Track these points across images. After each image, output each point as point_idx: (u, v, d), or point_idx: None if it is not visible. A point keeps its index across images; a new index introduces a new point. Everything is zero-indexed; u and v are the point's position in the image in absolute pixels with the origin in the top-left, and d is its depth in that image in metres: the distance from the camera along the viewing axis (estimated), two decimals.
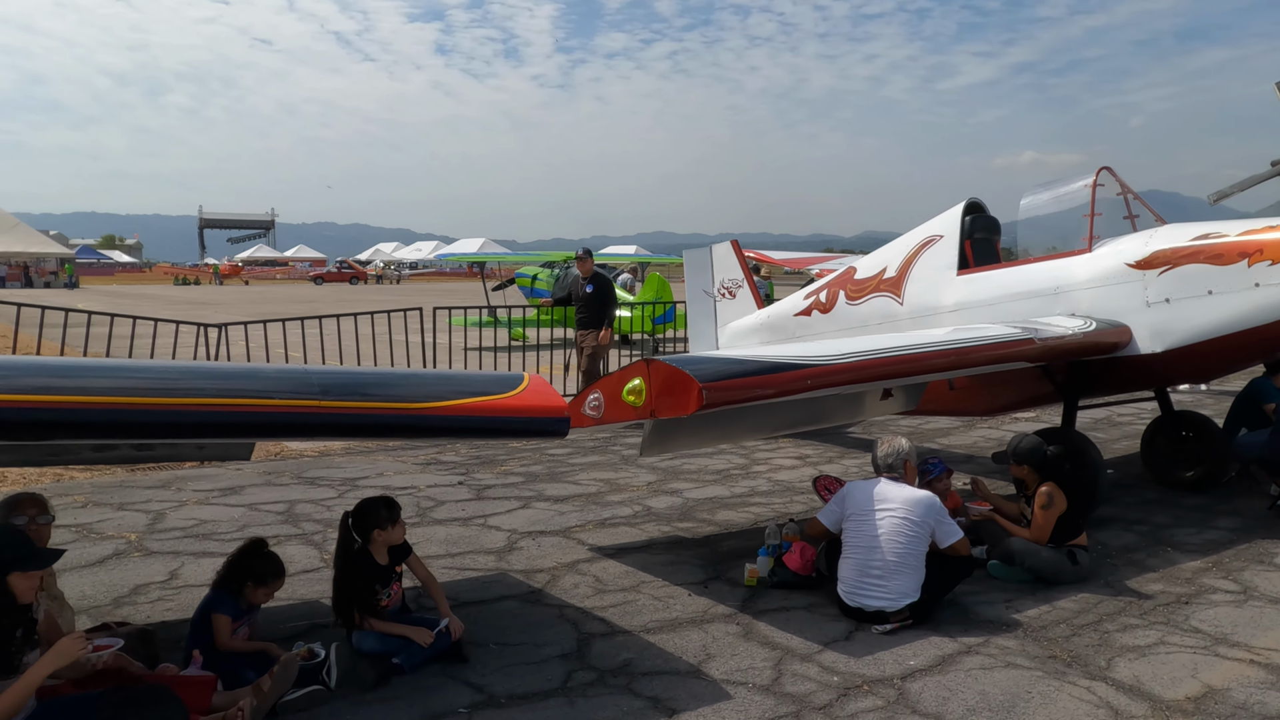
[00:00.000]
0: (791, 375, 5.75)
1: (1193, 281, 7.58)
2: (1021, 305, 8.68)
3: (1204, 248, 7.55)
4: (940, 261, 9.62)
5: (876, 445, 5.99)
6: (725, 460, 10.59)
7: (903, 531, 5.53)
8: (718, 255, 13.22)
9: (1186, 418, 9.46)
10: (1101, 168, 8.72)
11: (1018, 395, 9.20)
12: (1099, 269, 8.21)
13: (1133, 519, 8.19)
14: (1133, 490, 9.29)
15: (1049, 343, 7.35)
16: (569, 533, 7.51)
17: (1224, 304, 7.42)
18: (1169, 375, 8.38)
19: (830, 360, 6.03)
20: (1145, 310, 7.85)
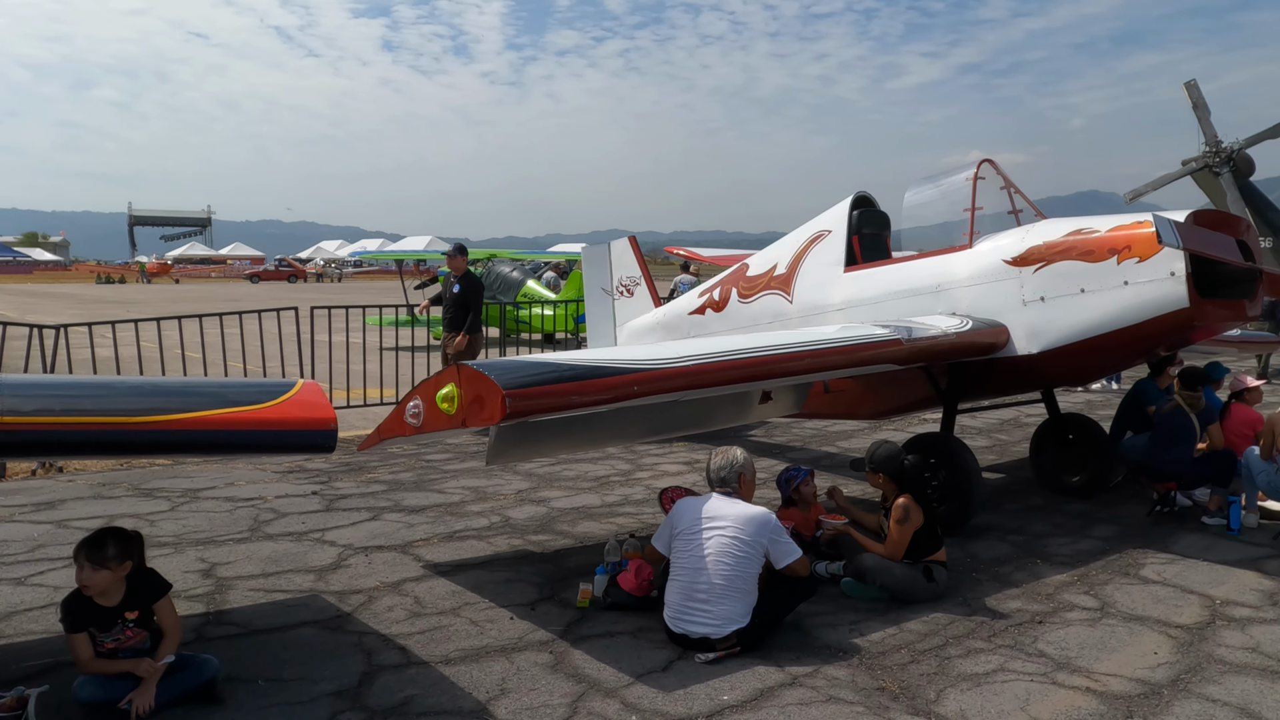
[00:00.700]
0: (614, 381, 5.31)
1: (1066, 279, 7.28)
2: (905, 304, 8.35)
3: (1077, 243, 7.26)
4: (828, 258, 9.27)
5: (710, 457, 5.58)
6: (609, 465, 10.15)
7: (730, 552, 5.12)
8: (616, 252, 12.79)
9: (1072, 421, 9.21)
10: (983, 160, 8.42)
11: (901, 398, 8.87)
12: (978, 266, 7.90)
13: (1010, 528, 7.90)
14: (1019, 496, 9.02)
15: (918, 344, 7.00)
16: (409, 547, 7.02)
17: (1095, 303, 7.13)
18: (1048, 377, 8.10)
19: (663, 364, 5.61)
20: (1022, 309, 7.54)
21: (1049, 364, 7.53)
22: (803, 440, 11.85)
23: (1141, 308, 6.90)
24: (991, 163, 8.43)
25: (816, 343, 6.52)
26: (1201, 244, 6.50)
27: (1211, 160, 21.20)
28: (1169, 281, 6.74)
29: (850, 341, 6.68)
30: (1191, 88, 21.87)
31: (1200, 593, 6.34)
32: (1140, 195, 22.89)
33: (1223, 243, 6.69)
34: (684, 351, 5.84)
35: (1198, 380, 8.14)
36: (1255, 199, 20.98)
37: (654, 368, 5.53)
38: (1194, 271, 6.82)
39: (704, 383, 5.72)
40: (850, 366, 6.72)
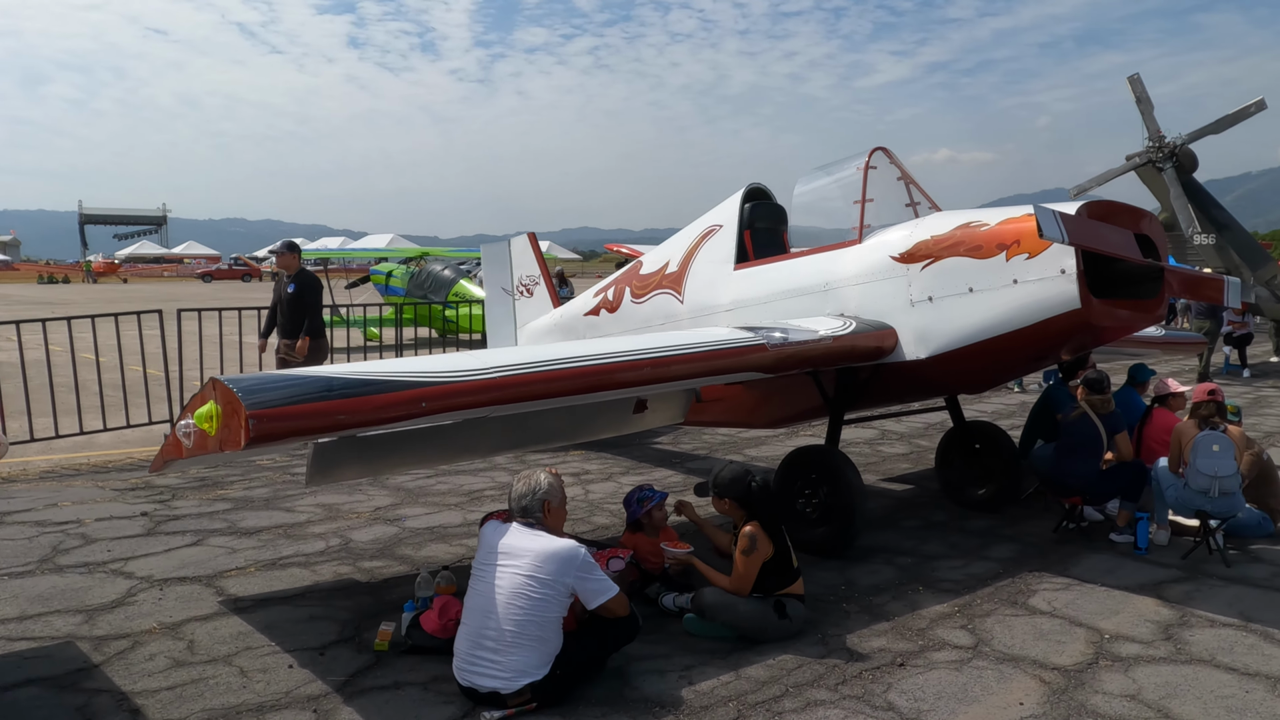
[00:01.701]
0: (396, 398, 4.56)
1: (954, 277, 6.63)
2: (794, 303, 7.69)
3: (965, 238, 6.61)
4: (718, 255, 8.60)
5: (513, 482, 4.85)
6: (488, 478, 9.43)
7: (524, 593, 4.39)
8: (516, 250, 12.05)
9: (977, 429, 8.58)
10: (875, 148, 7.75)
11: (791, 407, 8.20)
12: (865, 263, 7.24)
13: (902, 548, 7.24)
14: (921, 511, 8.37)
15: (786, 350, 6.31)
16: (217, 578, 6.24)
17: (984, 304, 6.48)
18: (940, 384, 7.44)
19: (462, 376, 4.87)
20: (910, 310, 6.89)
21: (939, 370, 6.88)
22: (710, 447, 11.16)
23: (1032, 309, 6.26)
24: (885, 151, 7.77)
25: (661, 350, 5.80)
26: (1093, 238, 5.86)
27: (1155, 155, 20.77)
28: (1059, 280, 6.10)
29: (702, 348, 5.98)
30: (1135, 82, 21.45)
31: (1089, 625, 5.70)
32: (1085, 190, 22.45)
33: (1119, 237, 6.06)
34: (492, 361, 5.10)
35: (1104, 385, 7.52)
36: (1198, 194, 20.57)
37: (451, 380, 4.79)
38: (1090, 269, 6.20)
39: (513, 398, 4.98)
40: (703, 376, 6.02)
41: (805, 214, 8.19)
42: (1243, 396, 15.69)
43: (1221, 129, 20.69)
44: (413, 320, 22.51)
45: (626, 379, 5.52)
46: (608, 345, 5.84)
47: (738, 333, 6.35)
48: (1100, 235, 5.92)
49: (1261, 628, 5.68)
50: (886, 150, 7.78)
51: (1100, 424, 7.36)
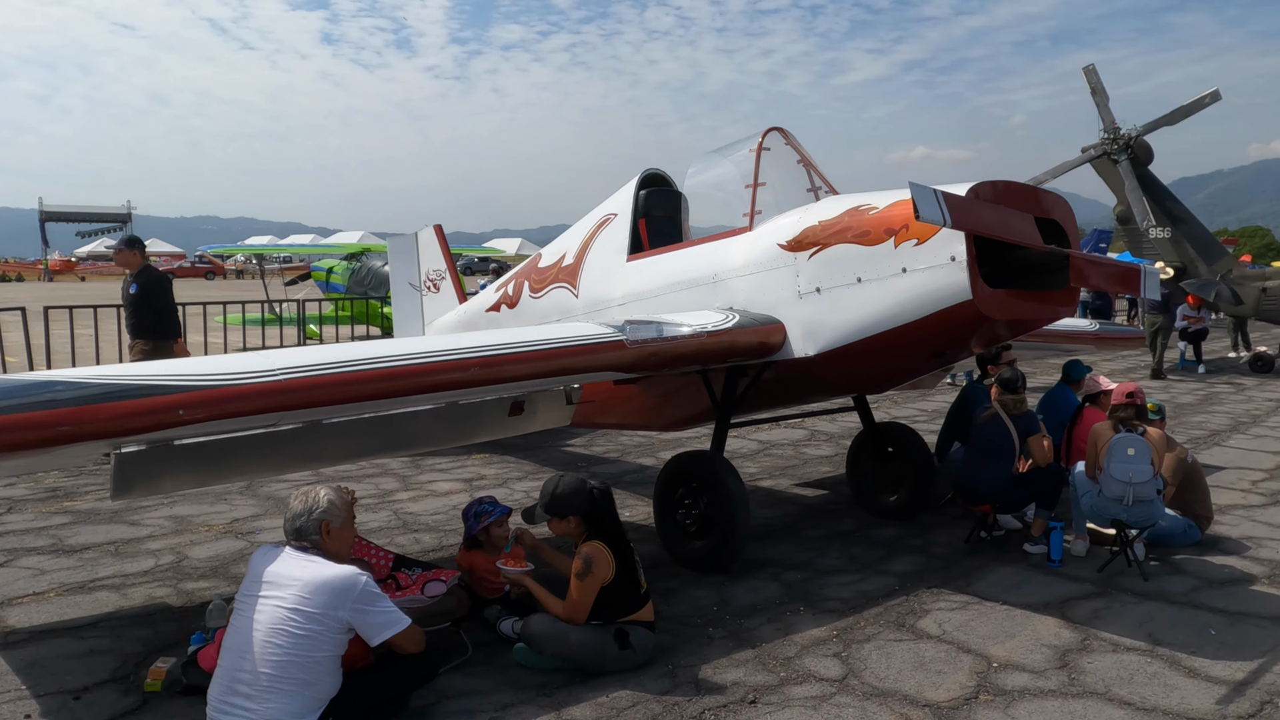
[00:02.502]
0: (146, 405, 3.89)
1: (842, 266, 6.02)
2: (684, 296, 7.06)
3: (853, 223, 6.00)
4: (612, 245, 7.97)
5: (290, 500, 4.19)
6: (374, 485, 8.76)
7: (285, 629, 3.74)
8: (423, 243, 11.40)
9: (889, 431, 7.97)
10: (770, 128, 7.13)
11: (684, 409, 7.57)
12: (754, 252, 6.62)
13: (795, 562, 6.63)
14: (828, 519, 7.77)
15: (650, 347, 5.68)
16: (6, 605, 5.55)
17: (873, 295, 5.87)
18: (833, 384, 6.83)
19: (235, 380, 4.20)
20: (798, 302, 6.27)
21: (829, 368, 6.28)
22: (623, 450, 10.52)
23: (921, 300, 5.65)
24: (781, 132, 7.15)
25: (497, 348, 5.16)
26: (982, 221, 5.26)
27: (1110, 147, 20.31)
28: (949, 268, 5.49)
29: (548, 345, 5.34)
30: (1090, 73, 20.98)
31: (978, 651, 5.10)
32: (1040, 183, 21.93)
33: (1016, 221, 5.45)
34: (282, 362, 4.43)
35: (1018, 383, 6.93)
36: (1154, 187, 20.12)
37: (220, 385, 4.12)
38: (991, 256, 5.61)
39: (300, 404, 4.31)
40: (548, 376, 5.37)
41: (699, 200, 7.56)
42: (1195, 393, 15.26)
43: (1176, 120, 20.25)
44: (351, 318, 21.81)
45: (449, 381, 4.86)
46: (434, 343, 5.19)
47: (595, 328, 5.71)
48: (992, 218, 5.32)
49: (1169, 652, 5.11)
50: (783, 131, 7.16)
51: (1013, 426, 6.78)
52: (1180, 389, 15.90)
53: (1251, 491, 8.75)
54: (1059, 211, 5.90)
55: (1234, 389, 15.90)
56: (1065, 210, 5.97)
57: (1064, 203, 6.00)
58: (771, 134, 7.07)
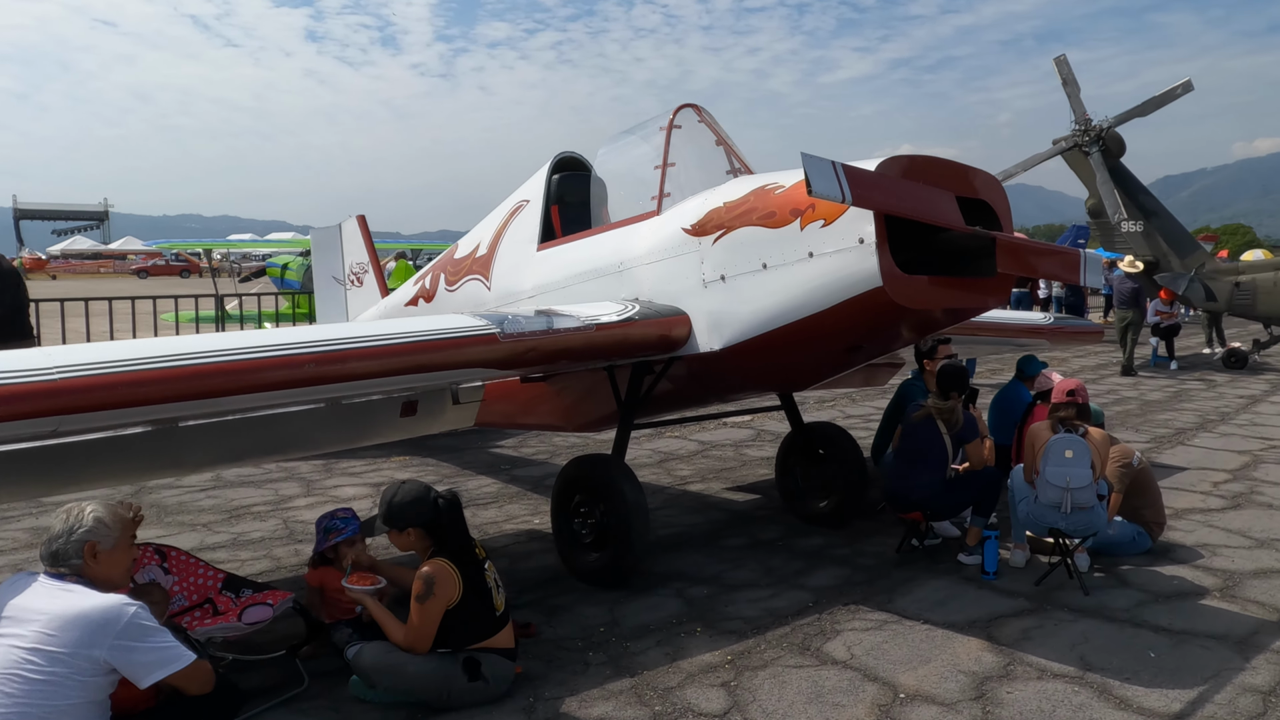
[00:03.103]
0: None
1: (747, 250, 5.46)
2: (591, 286, 6.50)
3: (758, 204, 5.44)
4: (523, 234, 7.40)
5: (52, 519, 3.60)
6: (272, 490, 8.17)
7: (20, 672, 3.15)
8: (347, 234, 10.80)
9: (819, 432, 7.41)
10: (683, 105, 6.57)
11: (595, 409, 7.01)
12: (659, 238, 6.06)
13: (705, 575, 6.08)
14: (753, 527, 7.20)
15: (524, 342, 5.10)
16: None
17: (779, 282, 5.31)
18: (744, 382, 6.27)
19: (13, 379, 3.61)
20: (703, 292, 5.71)
21: (736, 364, 5.72)
22: (553, 452, 9.94)
23: (829, 287, 5.09)
24: (695, 109, 6.59)
25: (337, 342, 4.57)
26: (890, 198, 4.69)
27: (1081, 139, 19.80)
28: (857, 252, 4.93)
29: (404, 339, 4.75)
30: (1061, 63, 20.48)
31: (886, 680, 4.55)
32: (1010, 176, 21.44)
33: (934, 199, 4.90)
34: (64, 359, 3.81)
35: (957, 378, 6.38)
36: (1126, 180, 19.62)
37: None
38: (907, 239, 5.06)
39: (69, 408, 3.70)
40: (405, 374, 4.78)
41: (610, 184, 6.99)
42: (1164, 390, 14.78)
43: (1148, 111, 19.76)
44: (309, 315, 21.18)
45: (278, 380, 4.27)
46: (272, 337, 4.60)
47: (467, 320, 5.12)
48: (904, 196, 4.75)
49: (1100, 679, 4.57)
50: (697, 108, 6.60)
51: (945, 429, 6.22)
52: (1150, 385, 15.42)
53: (1212, 494, 8.23)
54: (989, 191, 5.35)
55: (1205, 385, 15.43)
56: (996, 190, 5.42)
57: (995, 182, 5.44)
58: (684, 111, 6.51)
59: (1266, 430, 11.33)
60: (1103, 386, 15.27)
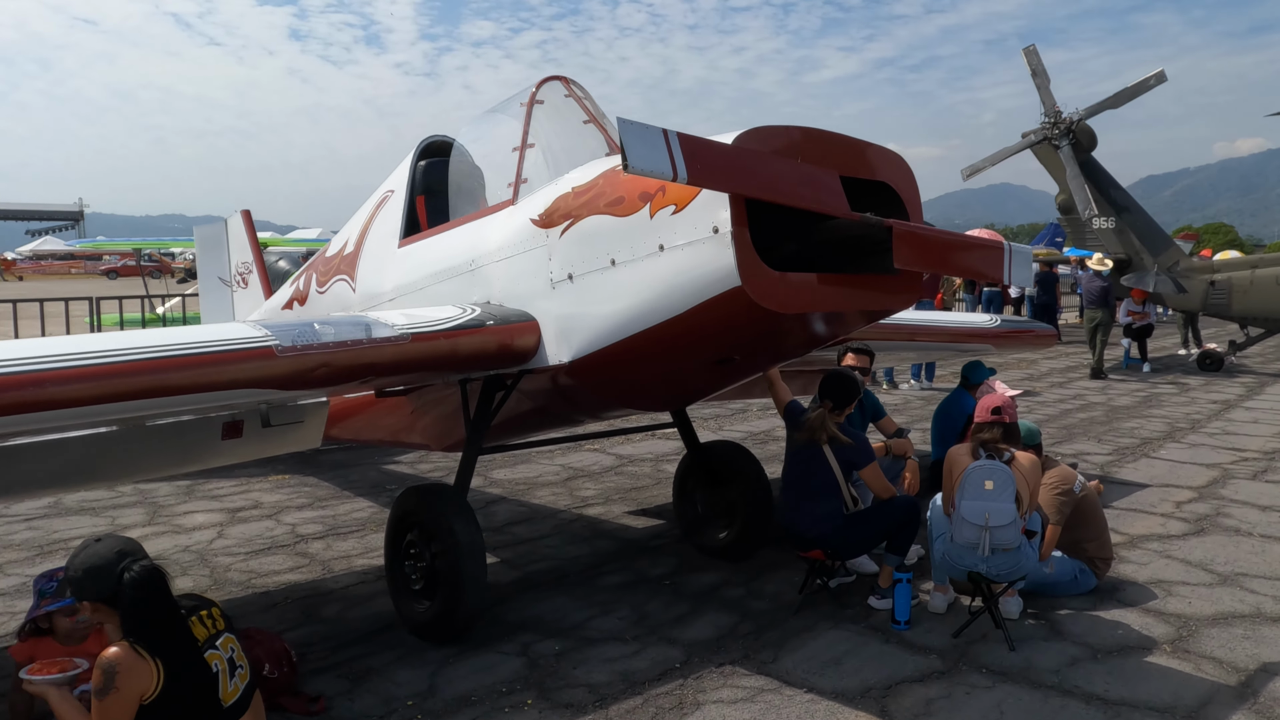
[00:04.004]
0: None
1: (594, 244, 4.54)
2: (444, 288, 5.61)
3: (606, 187, 4.51)
4: (387, 228, 6.50)
5: None
6: (112, 519, 7.21)
7: None
8: (233, 231, 9.84)
9: (718, 452, 6.49)
10: (549, 77, 5.63)
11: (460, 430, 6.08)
12: (509, 231, 5.15)
13: (567, 623, 5.16)
14: (641, 561, 6.29)
15: (310, 358, 4.15)
16: None
17: (627, 282, 4.39)
18: (605, 400, 5.33)
19: None
20: (551, 294, 4.80)
21: (591, 380, 4.80)
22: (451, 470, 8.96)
23: (683, 288, 4.16)
24: (564, 81, 5.65)
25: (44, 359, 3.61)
26: (743, 178, 3.77)
27: (1051, 132, 18.93)
28: (711, 244, 4.00)
29: (132, 356, 3.78)
30: (1030, 54, 19.59)
31: None
32: (979, 170, 20.62)
33: (805, 179, 3.98)
34: None
35: (837, 392, 5.44)
36: (1097, 174, 18.75)
37: None
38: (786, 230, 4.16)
39: None
40: (139, 398, 3.82)
41: (471, 168, 6.06)
42: (1134, 395, 13.94)
43: (1120, 103, 18.90)
44: None
45: None
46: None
47: (240, 330, 4.18)
48: (765, 174, 3.83)
49: None
50: (566, 81, 5.66)
51: (832, 455, 5.30)
52: (1119, 390, 14.59)
53: (1173, 516, 7.35)
54: (890, 171, 4.44)
55: (1177, 389, 14.60)
56: (899, 170, 4.50)
57: (898, 160, 4.53)
58: (550, 85, 5.58)
59: (1238, 439, 10.48)
60: (1069, 391, 14.43)
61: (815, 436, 5.16)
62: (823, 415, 5.20)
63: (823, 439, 5.15)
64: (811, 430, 5.26)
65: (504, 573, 6.03)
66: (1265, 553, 6.42)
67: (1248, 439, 10.54)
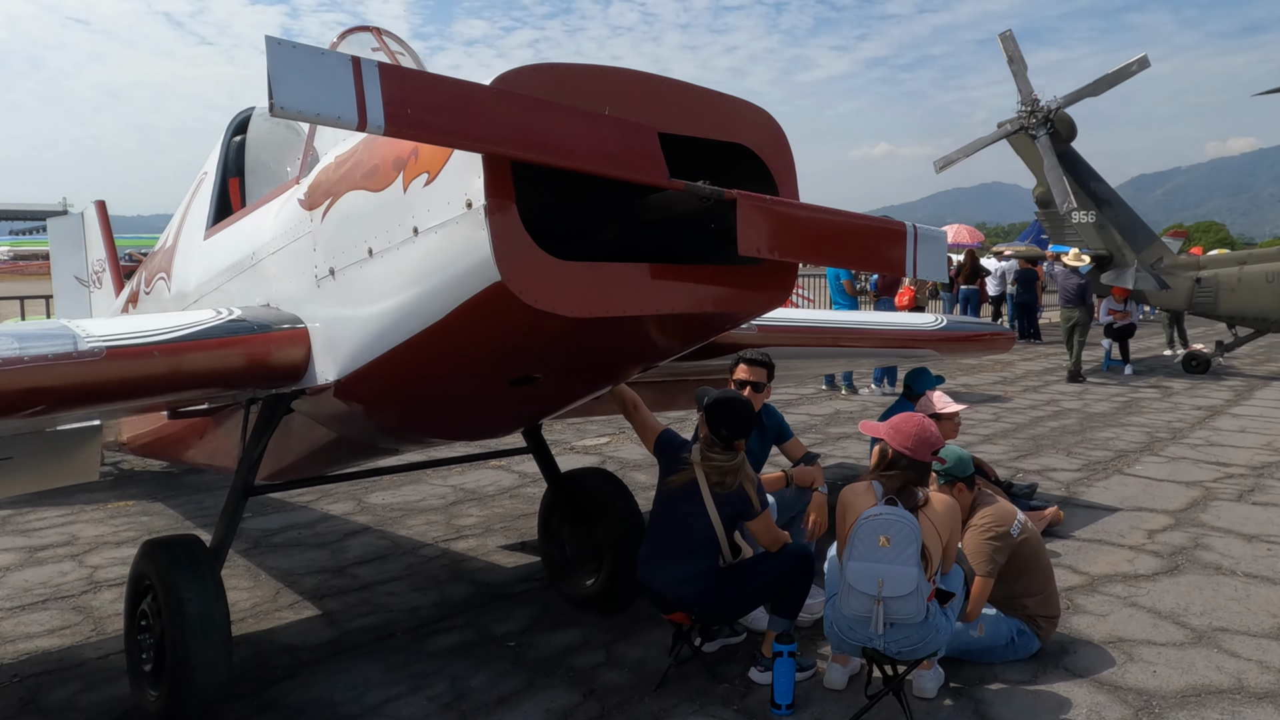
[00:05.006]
0: None
1: (352, 229, 3.45)
2: (234, 286, 4.53)
3: (364, 154, 3.42)
4: (198, 217, 5.45)
5: None
6: None
7: None
8: (89, 225, 8.75)
9: (584, 483, 5.38)
10: (356, 28, 4.51)
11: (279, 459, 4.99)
12: (282, 217, 4.08)
13: (363, 705, 4.06)
14: (490, 613, 5.20)
15: None
16: None
17: (385, 277, 3.29)
18: (391, 430, 4.22)
19: None
20: (317, 293, 3.70)
21: (361, 407, 3.69)
22: (319, 496, 7.88)
23: (442, 285, 3.06)
24: (376, 32, 4.53)
25: None
26: (485, 128, 2.65)
27: (1028, 121, 17.86)
28: (465, 224, 2.89)
29: None
30: (1006, 40, 18.50)
31: None
32: (951, 162, 19.51)
33: (597, 133, 2.86)
34: None
35: (732, 422, 4.31)
36: (1076, 166, 17.68)
37: None
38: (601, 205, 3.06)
39: None
40: None
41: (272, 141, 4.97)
42: (1113, 400, 12.89)
43: (1100, 90, 17.82)
44: None
45: None
46: None
47: None
48: (528, 126, 2.71)
49: None
50: (378, 32, 4.54)
51: (712, 502, 4.19)
52: (1097, 394, 13.53)
53: (1144, 549, 6.28)
54: (748, 130, 3.34)
55: (1160, 394, 13.55)
56: (762, 129, 3.39)
57: (760, 117, 3.42)
58: (356, 36, 4.46)
59: (1224, 452, 9.43)
60: (1043, 396, 13.38)
61: (714, 479, 4.06)
62: (706, 455, 4.10)
63: (704, 486, 4.05)
64: (691, 475, 4.15)
65: (315, 632, 4.93)
66: (1249, 599, 5.35)
67: (1234, 451, 9.50)
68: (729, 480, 4.04)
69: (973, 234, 32.62)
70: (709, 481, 4.05)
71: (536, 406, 3.94)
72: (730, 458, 4.06)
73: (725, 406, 4.08)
